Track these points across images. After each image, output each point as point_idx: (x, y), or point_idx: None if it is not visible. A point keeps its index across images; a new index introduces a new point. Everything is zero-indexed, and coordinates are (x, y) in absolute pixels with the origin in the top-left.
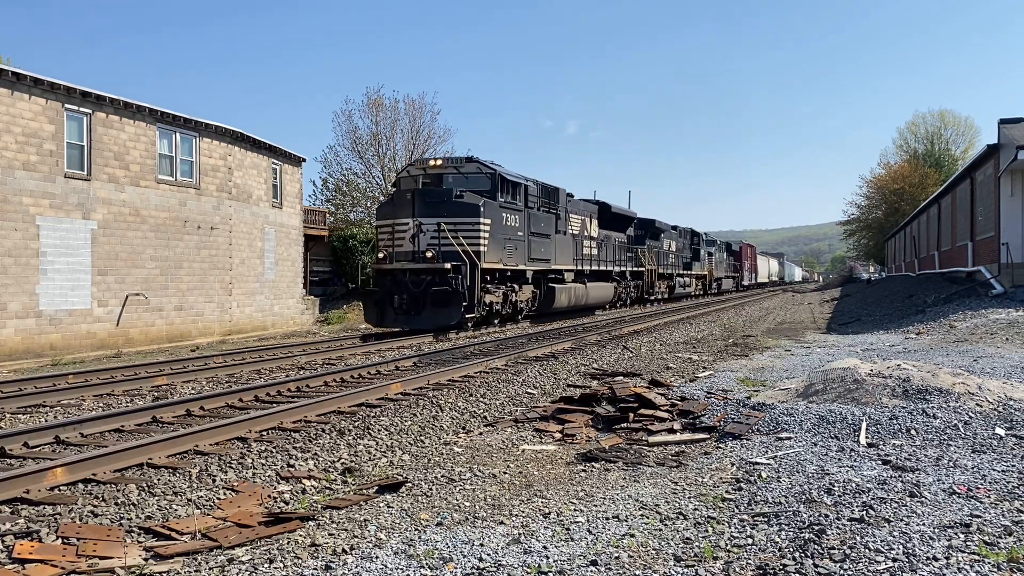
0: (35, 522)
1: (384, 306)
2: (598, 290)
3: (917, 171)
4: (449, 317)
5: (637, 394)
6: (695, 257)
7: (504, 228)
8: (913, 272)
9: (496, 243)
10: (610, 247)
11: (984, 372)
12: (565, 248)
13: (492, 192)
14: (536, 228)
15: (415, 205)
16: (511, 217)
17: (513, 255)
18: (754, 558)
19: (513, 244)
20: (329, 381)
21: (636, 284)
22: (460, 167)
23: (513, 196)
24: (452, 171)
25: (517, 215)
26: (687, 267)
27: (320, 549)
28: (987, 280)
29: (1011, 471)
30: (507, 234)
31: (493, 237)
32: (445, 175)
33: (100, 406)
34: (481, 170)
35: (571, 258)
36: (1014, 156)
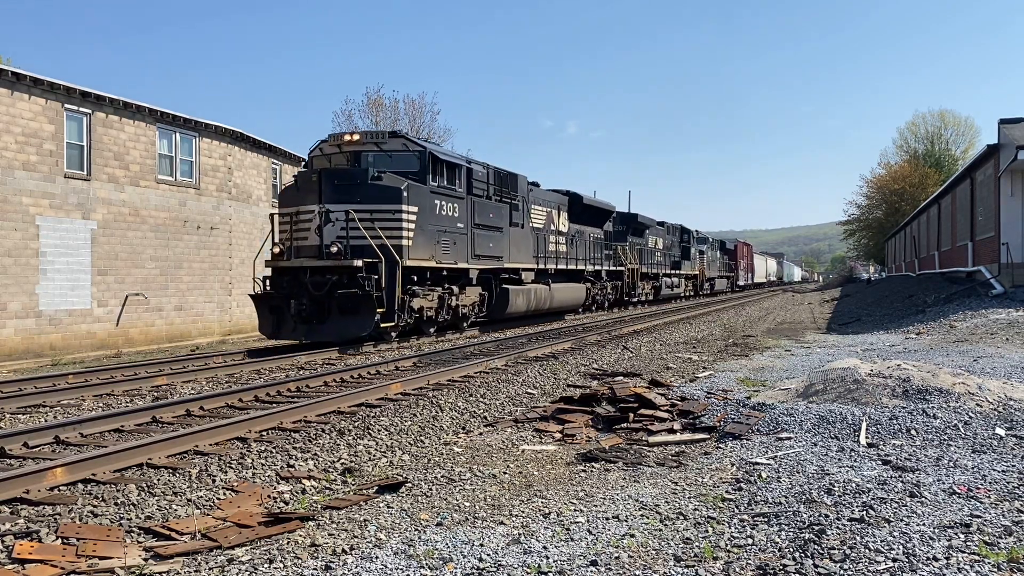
0: (35, 522)
1: (281, 313)
2: (566, 292)
3: (917, 171)
4: (359, 326)
5: (637, 394)
6: (685, 255)
7: (438, 218)
8: (913, 272)
9: (426, 236)
10: (583, 244)
11: (984, 372)
12: (523, 244)
13: (421, 174)
14: (483, 219)
15: (322, 188)
16: (448, 205)
17: (451, 251)
18: (754, 558)
19: (451, 238)
20: (329, 381)
21: (615, 285)
22: (382, 143)
23: (451, 180)
24: (372, 148)
25: (456, 203)
26: (676, 266)
27: (320, 549)
28: (987, 280)
29: (1011, 471)
30: (442, 225)
31: (421, 228)
32: (364, 153)
33: (100, 406)
34: (408, 147)
35: (531, 255)
36: (1014, 156)
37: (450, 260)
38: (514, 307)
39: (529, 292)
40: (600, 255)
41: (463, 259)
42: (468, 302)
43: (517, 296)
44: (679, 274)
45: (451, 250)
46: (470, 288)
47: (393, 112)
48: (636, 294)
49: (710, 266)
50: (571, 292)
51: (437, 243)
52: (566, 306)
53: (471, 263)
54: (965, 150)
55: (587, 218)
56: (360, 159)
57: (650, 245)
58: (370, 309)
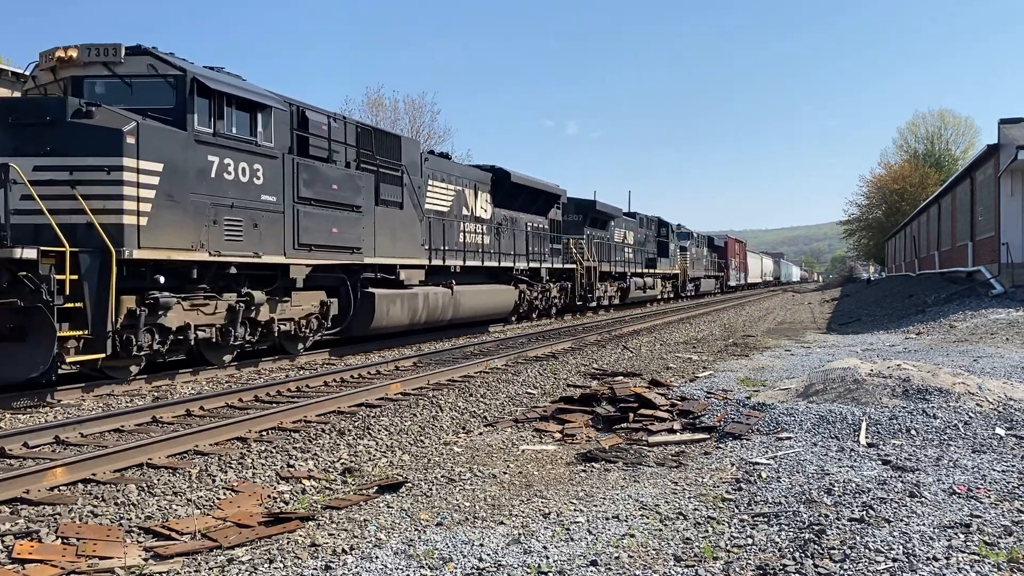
0: (35, 522)
1: None
2: (482, 297)
3: (917, 171)
4: (26, 364)
5: (637, 394)
6: (662, 252)
7: (215, 184)
8: (913, 272)
9: (185, 211)
10: (516, 235)
11: (984, 372)
12: (404, 231)
13: (179, 112)
14: (321, 192)
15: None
16: (242, 166)
17: (248, 237)
18: (754, 558)
19: (247, 216)
20: (329, 381)
21: (564, 287)
22: (114, 63)
23: (248, 127)
24: (100, 71)
25: (262, 164)
26: (650, 264)
27: (320, 549)
28: (987, 280)
29: (1011, 471)
30: (225, 196)
31: (173, 199)
32: (88, 80)
33: (100, 406)
34: (157, 69)
35: (419, 246)
36: (1014, 156)
37: (244, 250)
38: (387, 319)
39: (414, 298)
40: (542, 249)
41: (276, 249)
42: (296, 314)
43: (390, 304)
44: (654, 273)
45: (249, 236)
46: (300, 294)
47: (393, 112)
48: (595, 297)
49: (694, 264)
50: (491, 297)
51: (214, 223)
52: (483, 315)
53: (293, 256)
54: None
55: (523, 203)
56: (82, 87)
57: (616, 239)
58: (48, 333)
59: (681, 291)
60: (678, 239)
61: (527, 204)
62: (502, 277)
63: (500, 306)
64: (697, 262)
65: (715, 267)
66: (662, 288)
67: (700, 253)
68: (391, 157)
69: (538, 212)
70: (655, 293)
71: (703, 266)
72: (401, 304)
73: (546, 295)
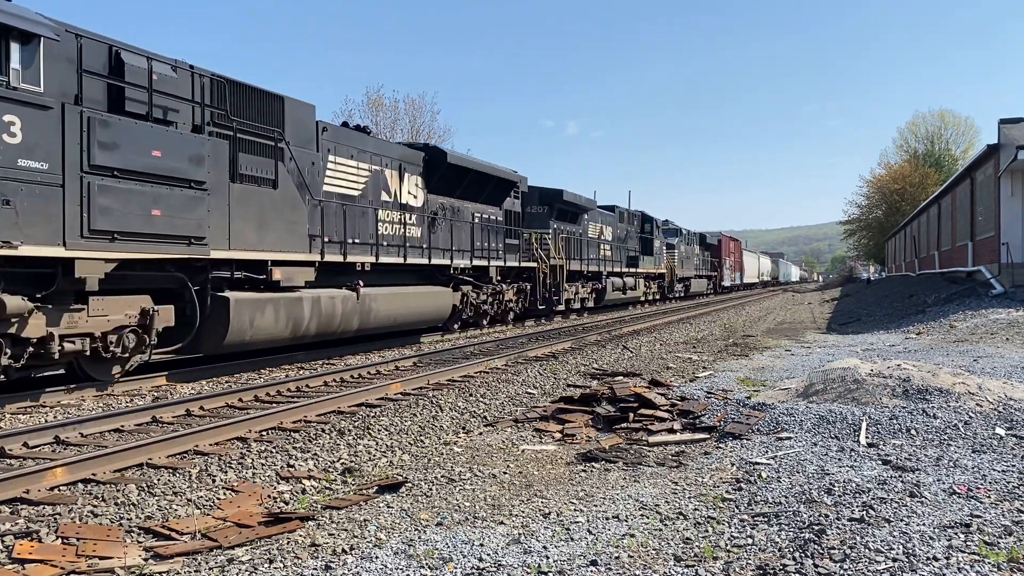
0: (35, 522)
1: None
2: (405, 301)
3: (917, 171)
4: None
5: (637, 394)
6: (646, 250)
7: None
8: (913, 272)
9: None
10: (456, 227)
11: (984, 372)
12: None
13: None
14: (134, 161)
15: None
16: None
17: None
18: (754, 558)
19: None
20: (329, 381)
21: (522, 288)
22: None
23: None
24: None
25: (20, 115)
26: (632, 262)
27: (320, 549)
28: (987, 280)
29: (1011, 471)
30: None
31: None
32: None
33: (100, 406)
34: None
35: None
36: (1014, 156)
37: None
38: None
39: (296, 304)
40: (493, 245)
41: (48, 237)
42: (98, 328)
43: (255, 312)
44: (635, 273)
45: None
46: (102, 300)
47: (393, 112)
48: (562, 300)
49: (683, 263)
50: (417, 301)
51: None
52: (407, 323)
53: (80, 247)
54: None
55: (469, 190)
56: None
57: (590, 234)
58: None
59: (668, 292)
60: (665, 236)
61: (474, 192)
62: (439, 278)
63: (430, 313)
64: (687, 261)
65: (708, 266)
66: (645, 289)
67: (690, 251)
68: (261, 121)
69: (490, 201)
70: (637, 294)
71: (694, 265)
72: (275, 312)
73: (498, 298)
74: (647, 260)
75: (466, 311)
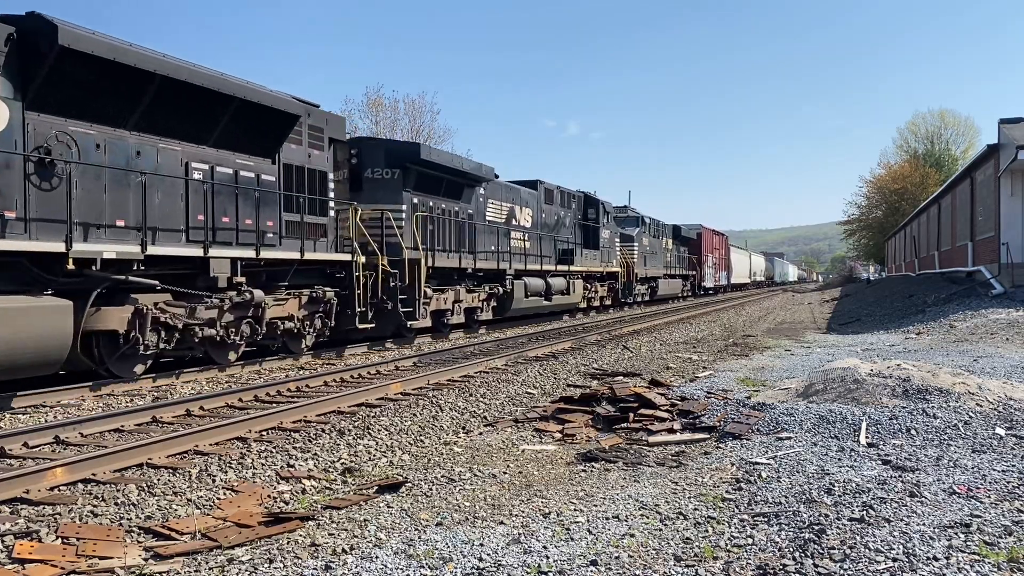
0: (35, 522)
1: None
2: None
3: (917, 171)
4: None
5: (637, 394)
6: (589, 241)
7: None
8: (913, 272)
9: None
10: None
11: (984, 372)
12: None
13: None
14: None
15: None
16: None
17: None
18: (754, 558)
19: None
20: (329, 381)
21: (322, 298)
22: None
23: None
24: None
25: None
26: (566, 258)
27: (320, 549)
28: (987, 280)
29: (1011, 471)
30: None
31: None
32: None
33: (100, 406)
34: None
35: None
36: (1014, 156)
37: None
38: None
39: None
40: (235, 221)
41: None
42: None
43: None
44: (570, 272)
45: None
46: None
47: (393, 112)
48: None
49: (648, 260)
50: None
51: None
52: None
53: None
54: (965, 150)
55: (179, 121)
56: None
57: (489, 216)
58: None
59: (625, 296)
60: (621, 225)
61: (188, 123)
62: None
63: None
64: (653, 257)
65: (684, 264)
66: (587, 292)
67: (658, 245)
68: None
69: (241, 147)
70: (572, 299)
71: (663, 262)
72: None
73: (223, 321)
74: (590, 255)
75: None
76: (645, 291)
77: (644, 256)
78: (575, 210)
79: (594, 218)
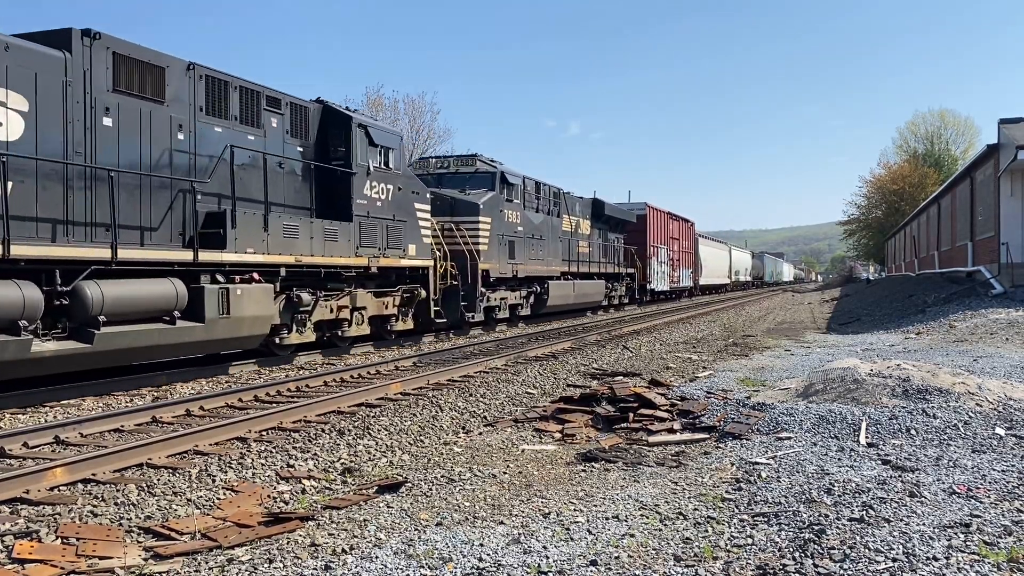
0: (35, 522)
1: None
2: None
3: (917, 171)
4: None
5: (637, 394)
6: (334, 205)
7: None
8: (913, 272)
9: None
10: None
11: (984, 372)
12: None
13: None
14: None
15: None
16: None
17: None
18: (754, 558)
19: None
20: (329, 381)
21: None
22: None
23: None
24: None
25: None
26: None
27: (320, 549)
28: (987, 280)
29: (1011, 471)
30: None
31: None
32: None
33: (100, 406)
34: None
35: None
36: (1014, 156)
37: None
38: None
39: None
40: None
41: None
42: None
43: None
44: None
45: None
46: None
47: (393, 112)
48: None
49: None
50: None
51: None
52: None
53: None
54: (965, 150)
55: None
56: None
57: None
58: None
59: (470, 310)
60: (460, 186)
61: None
62: None
63: None
64: (540, 244)
65: (613, 257)
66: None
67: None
68: None
69: None
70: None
71: (561, 252)
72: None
73: None
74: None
75: None
76: (520, 299)
77: (509, 242)
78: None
79: (345, 155)
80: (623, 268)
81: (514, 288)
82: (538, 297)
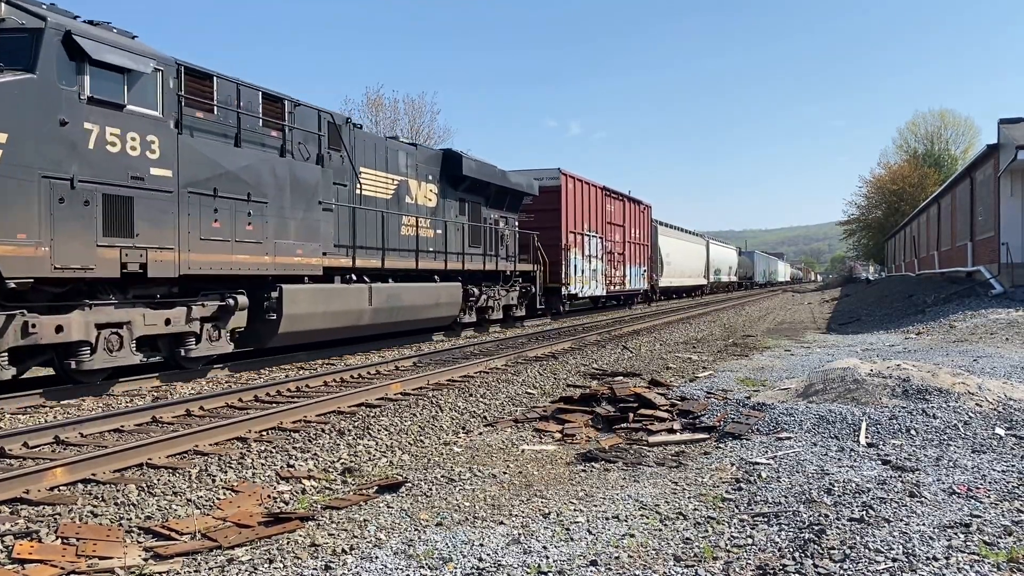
0: (35, 522)
1: None
2: None
3: (917, 171)
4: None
5: (637, 394)
6: None
7: None
8: (913, 272)
9: None
10: None
11: (984, 372)
12: None
13: None
14: None
15: None
16: None
17: None
18: (754, 558)
19: None
20: (329, 381)
21: None
22: None
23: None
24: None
25: None
26: None
27: (320, 549)
28: (987, 280)
29: (1011, 471)
30: None
31: None
32: None
33: (100, 406)
34: None
35: None
36: (1014, 156)
37: None
38: None
39: None
40: None
41: None
42: None
43: None
44: None
45: None
46: None
47: (393, 112)
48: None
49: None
50: None
51: None
52: None
53: None
54: (965, 150)
55: None
56: None
57: None
58: None
59: None
60: None
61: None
62: None
63: None
64: (266, 210)
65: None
66: None
67: (303, 178)
68: None
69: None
70: None
71: (345, 229)
72: None
73: None
74: None
75: None
76: None
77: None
78: None
79: None
80: (513, 264)
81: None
82: (254, 315)
